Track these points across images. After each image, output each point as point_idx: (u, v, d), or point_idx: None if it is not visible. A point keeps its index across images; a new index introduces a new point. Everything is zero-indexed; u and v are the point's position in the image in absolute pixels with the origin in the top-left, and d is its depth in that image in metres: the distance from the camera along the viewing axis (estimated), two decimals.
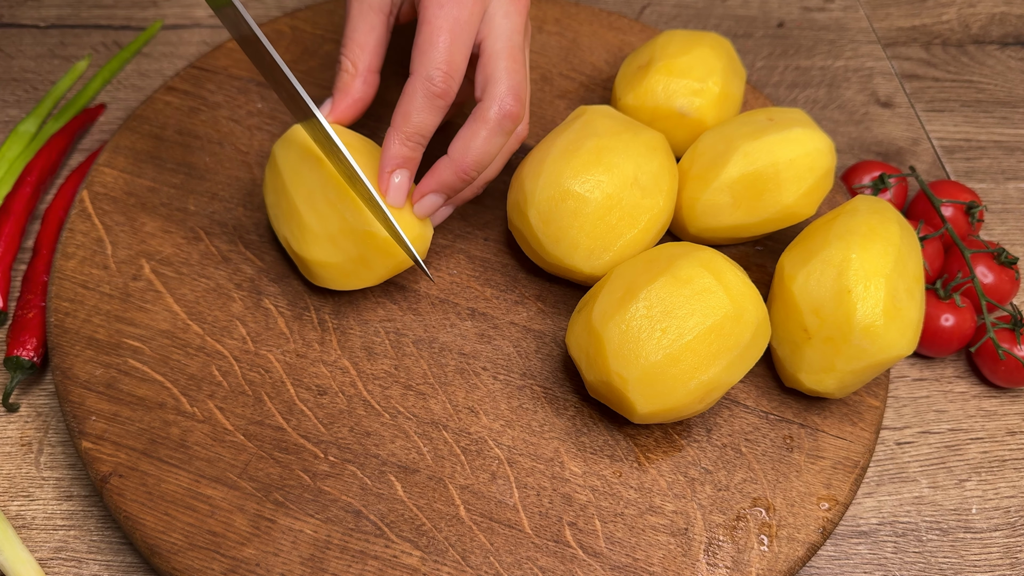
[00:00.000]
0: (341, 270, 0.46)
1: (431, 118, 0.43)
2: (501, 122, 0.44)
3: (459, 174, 0.44)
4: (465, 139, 0.44)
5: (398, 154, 0.44)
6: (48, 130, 0.59)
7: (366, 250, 0.45)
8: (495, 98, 0.44)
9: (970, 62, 0.73)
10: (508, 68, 0.44)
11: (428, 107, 0.43)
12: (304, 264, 0.46)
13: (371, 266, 0.46)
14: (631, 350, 0.41)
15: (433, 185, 0.45)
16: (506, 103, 0.44)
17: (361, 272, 0.46)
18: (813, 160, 0.48)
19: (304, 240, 0.45)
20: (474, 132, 0.44)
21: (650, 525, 0.43)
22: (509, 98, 0.44)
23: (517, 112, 0.44)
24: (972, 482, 0.51)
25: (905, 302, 0.44)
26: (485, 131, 0.44)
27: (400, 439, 0.44)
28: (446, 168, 0.44)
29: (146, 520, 0.41)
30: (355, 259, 0.45)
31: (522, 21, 0.46)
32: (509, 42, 0.45)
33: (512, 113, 0.44)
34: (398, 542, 0.41)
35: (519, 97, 0.44)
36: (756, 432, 0.46)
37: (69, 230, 0.50)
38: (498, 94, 0.44)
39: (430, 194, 0.45)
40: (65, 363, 0.45)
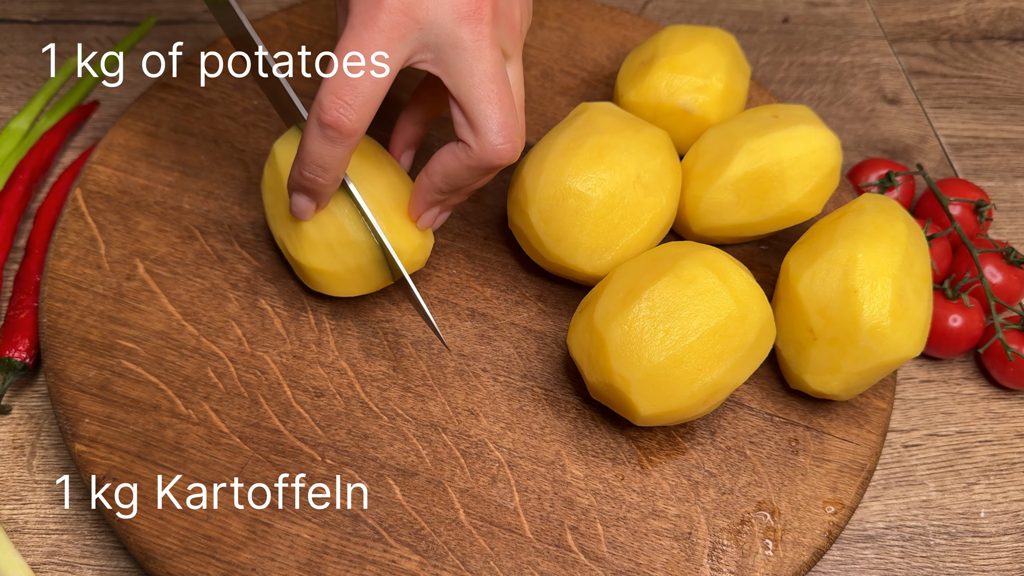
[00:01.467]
0: (338, 278, 0.46)
1: (326, 149, 0.39)
2: (490, 169, 0.41)
3: (439, 194, 0.44)
4: (447, 173, 0.42)
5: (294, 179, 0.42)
6: (41, 127, 0.59)
7: (364, 262, 0.45)
8: (485, 149, 0.40)
9: (978, 58, 0.73)
10: (487, 112, 0.40)
11: (320, 138, 0.39)
12: (300, 269, 0.46)
13: (368, 276, 0.46)
14: (634, 351, 0.41)
15: (422, 206, 0.44)
16: (496, 158, 0.40)
17: (358, 281, 0.46)
18: (819, 158, 0.48)
19: (301, 246, 0.45)
20: (457, 171, 0.42)
21: (653, 529, 0.43)
22: (501, 149, 0.40)
23: (511, 158, 0.41)
24: (981, 485, 0.51)
25: (912, 302, 0.44)
26: (469, 174, 0.42)
27: (399, 442, 0.44)
28: (427, 189, 0.43)
29: (140, 524, 0.41)
30: (352, 269, 0.45)
31: (486, 37, 0.40)
32: (474, 75, 0.39)
33: (503, 163, 0.41)
34: (397, 546, 0.41)
35: (512, 145, 0.40)
36: (761, 435, 0.46)
37: (62, 229, 0.50)
38: (487, 146, 0.40)
39: (424, 213, 0.45)
40: (58, 364, 0.45)
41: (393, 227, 0.45)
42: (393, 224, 0.45)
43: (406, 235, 0.45)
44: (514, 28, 0.42)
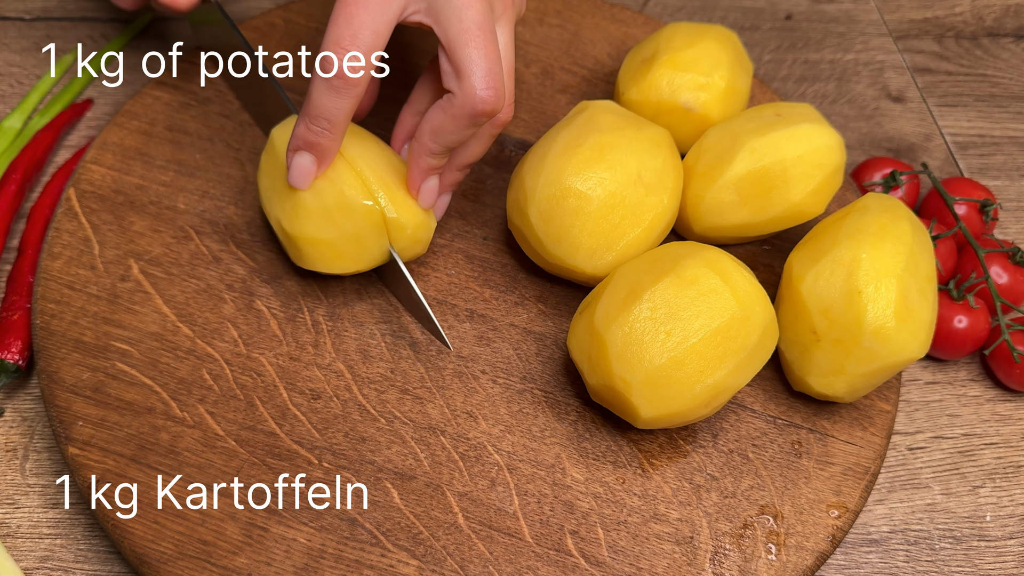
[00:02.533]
0: (332, 248, 0.45)
1: (333, 101, 0.41)
2: (474, 119, 0.42)
3: (431, 155, 0.44)
4: (433, 127, 0.43)
5: (299, 135, 0.43)
6: (34, 126, 0.59)
7: (362, 226, 0.45)
8: (467, 94, 0.41)
9: (984, 55, 0.73)
10: (472, 56, 0.41)
11: (326, 90, 0.41)
12: (294, 243, 0.46)
13: (364, 244, 0.45)
14: (634, 353, 0.41)
15: (419, 175, 0.45)
16: (479, 103, 0.41)
17: (352, 251, 0.45)
18: (822, 157, 0.48)
19: (296, 216, 0.45)
20: (442, 124, 0.43)
21: (654, 533, 0.43)
22: (484, 95, 0.41)
23: (493, 107, 0.42)
24: (986, 489, 0.51)
25: (917, 303, 0.44)
26: (453, 124, 0.42)
27: (396, 445, 0.44)
28: (419, 154, 0.44)
29: (135, 528, 0.41)
30: (349, 236, 0.45)
31: None
32: (463, 20, 0.41)
33: (488, 110, 0.42)
34: (394, 551, 0.41)
35: (495, 91, 0.41)
36: (763, 437, 0.46)
37: (55, 229, 0.50)
38: (469, 91, 0.41)
39: (424, 182, 0.45)
40: (51, 366, 0.45)
41: (395, 199, 0.45)
42: (395, 197, 0.45)
43: (408, 208, 0.45)
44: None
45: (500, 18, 0.44)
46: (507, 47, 0.45)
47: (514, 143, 0.56)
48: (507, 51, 0.45)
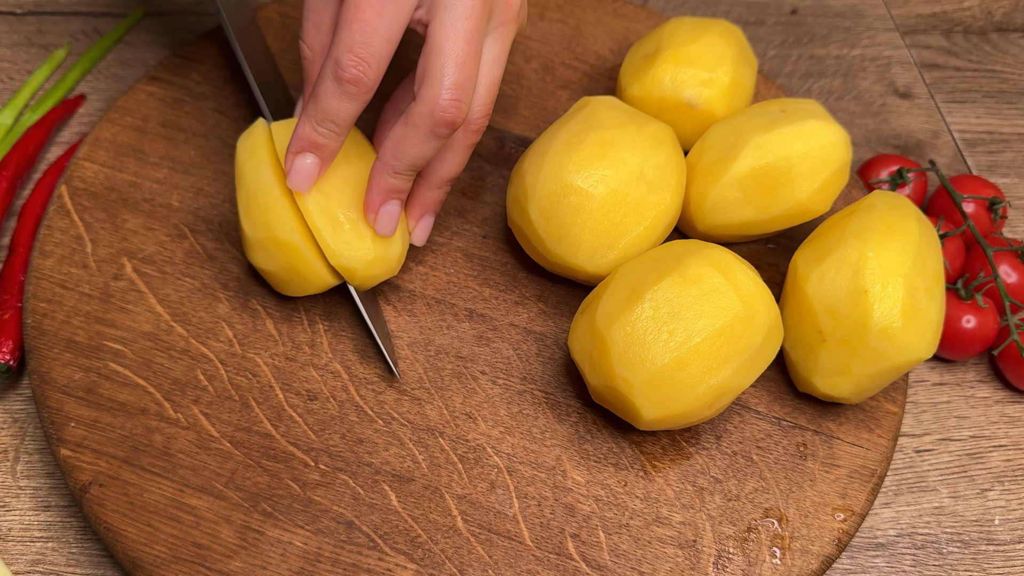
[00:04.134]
0: (280, 279, 0.46)
1: (341, 105, 0.41)
2: (434, 128, 0.41)
3: (393, 174, 0.43)
4: (395, 141, 0.42)
5: (303, 136, 0.42)
6: (25, 122, 0.59)
7: (293, 261, 0.44)
8: (428, 100, 0.41)
9: (993, 51, 0.73)
10: (447, 66, 0.41)
11: (337, 94, 0.41)
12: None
13: (304, 277, 0.45)
14: (637, 353, 0.41)
15: (377, 196, 0.44)
16: (439, 110, 0.41)
17: (298, 282, 0.45)
18: (828, 154, 0.48)
19: (246, 245, 0.46)
20: (403, 136, 0.42)
21: (657, 537, 0.43)
22: (446, 103, 0.41)
23: (453, 118, 0.41)
24: (995, 492, 0.51)
25: (924, 303, 0.44)
26: (414, 136, 0.42)
27: (394, 446, 0.44)
28: (380, 172, 0.43)
29: (128, 531, 0.41)
30: (286, 268, 0.45)
31: (478, 8, 0.42)
32: (455, 29, 0.41)
33: (448, 120, 0.41)
34: (392, 555, 0.41)
35: (458, 100, 0.41)
36: (768, 439, 0.46)
37: (47, 227, 0.50)
38: (431, 97, 0.41)
39: (383, 206, 0.44)
40: (43, 367, 0.45)
41: (342, 236, 0.44)
42: (343, 234, 0.44)
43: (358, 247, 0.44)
44: (509, 7, 0.44)
45: (496, 29, 0.44)
46: (496, 60, 0.45)
47: (514, 139, 0.56)
48: (495, 65, 0.45)
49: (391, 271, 0.46)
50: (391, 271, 0.46)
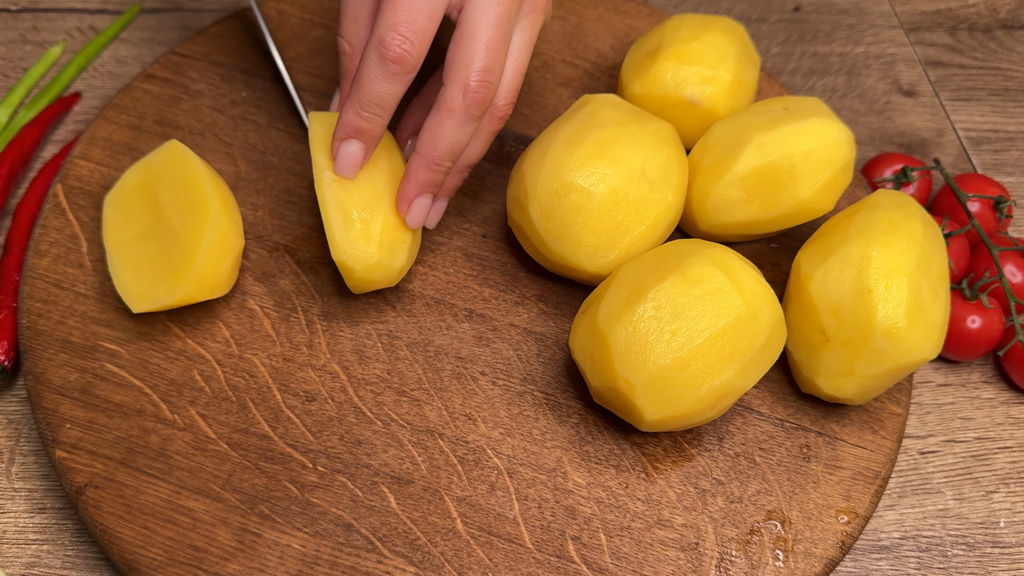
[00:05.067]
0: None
1: (386, 86, 0.42)
2: (468, 110, 0.43)
3: (432, 167, 0.44)
4: (431, 131, 0.43)
5: (349, 123, 0.43)
6: (20, 120, 0.59)
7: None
8: (459, 84, 0.42)
9: (998, 48, 0.73)
10: (479, 49, 0.42)
11: (381, 74, 0.42)
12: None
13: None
14: (638, 354, 0.41)
15: (413, 188, 0.45)
16: (470, 90, 0.42)
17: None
18: (831, 152, 0.48)
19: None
20: (439, 123, 0.43)
21: (658, 539, 0.43)
22: (475, 83, 0.42)
23: (484, 98, 0.43)
24: (1000, 494, 0.51)
25: (929, 302, 0.44)
26: (450, 121, 0.43)
27: (393, 448, 0.44)
28: (418, 166, 0.44)
29: (124, 534, 0.41)
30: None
31: None
32: (488, 15, 0.42)
33: (479, 100, 0.43)
34: (391, 557, 0.41)
35: (487, 82, 0.43)
36: (771, 441, 0.46)
37: (42, 226, 0.50)
38: (462, 79, 0.42)
39: (416, 199, 0.45)
40: (38, 367, 0.45)
41: (350, 232, 0.44)
42: (351, 229, 0.44)
43: (359, 247, 0.44)
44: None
45: (525, 18, 0.45)
46: (524, 48, 0.46)
47: (514, 138, 0.56)
48: (522, 52, 0.46)
49: (390, 281, 0.46)
50: (390, 281, 0.46)
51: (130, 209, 0.47)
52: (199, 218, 0.44)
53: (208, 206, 0.44)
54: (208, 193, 0.45)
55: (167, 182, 0.46)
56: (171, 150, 0.47)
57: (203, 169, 0.46)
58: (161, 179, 0.46)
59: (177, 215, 0.45)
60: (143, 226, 0.46)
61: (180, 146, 0.46)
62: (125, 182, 0.47)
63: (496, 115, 0.45)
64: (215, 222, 0.44)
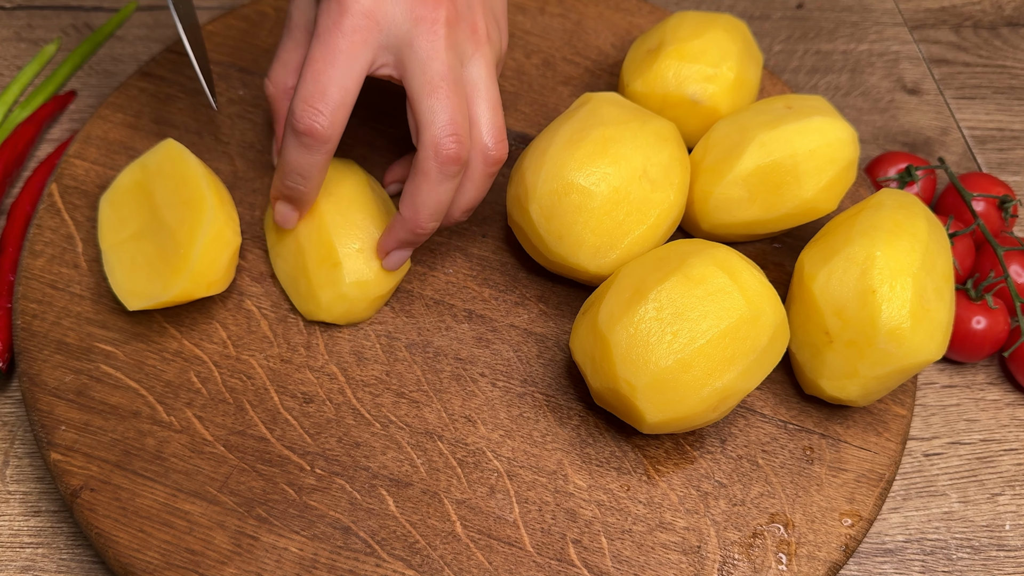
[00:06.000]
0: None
1: (305, 157, 0.42)
2: (442, 170, 0.42)
3: (415, 230, 0.44)
4: (411, 195, 0.43)
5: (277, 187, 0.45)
6: (14, 119, 0.59)
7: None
8: (428, 146, 0.42)
9: (1003, 46, 0.73)
10: (433, 107, 0.42)
11: (297, 147, 0.42)
12: None
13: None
14: (640, 355, 0.41)
15: (393, 244, 0.46)
16: (441, 149, 0.42)
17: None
18: (835, 151, 0.48)
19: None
20: (417, 187, 0.43)
21: (660, 542, 0.43)
22: (444, 142, 0.42)
23: (457, 154, 0.42)
24: (1005, 496, 0.51)
25: (934, 303, 0.44)
26: (427, 184, 0.43)
27: (392, 450, 0.44)
28: (400, 227, 0.45)
29: (119, 537, 0.41)
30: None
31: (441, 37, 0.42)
32: (426, 72, 0.42)
33: (452, 158, 0.42)
34: (390, 560, 0.41)
35: (455, 135, 0.42)
36: (774, 443, 0.46)
37: (37, 226, 0.50)
38: (431, 142, 0.42)
39: (394, 251, 0.46)
40: (33, 369, 0.45)
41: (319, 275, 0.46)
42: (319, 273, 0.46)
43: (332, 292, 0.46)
44: (475, 32, 0.44)
45: (471, 59, 0.44)
46: (486, 83, 0.44)
47: (514, 137, 0.56)
48: (487, 88, 0.44)
49: (346, 313, 0.47)
50: (346, 313, 0.47)
51: (126, 209, 0.47)
52: (195, 214, 0.44)
53: (203, 202, 0.45)
54: (203, 189, 0.45)
55: (163, 181, 0.46)
56: (167, 149, 0.47)
57: (198, 166, 0.46)
58: (157, 178, 0.46)
59: (173, 213, 0.45)
60: (139, 225, 0.46)
61: (176, 144, 0.47)
62: (120, 182, 0.47)
63: (491, 160, 0.45)
64: (210, 217, 0.44)
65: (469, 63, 0.44)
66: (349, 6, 0.41)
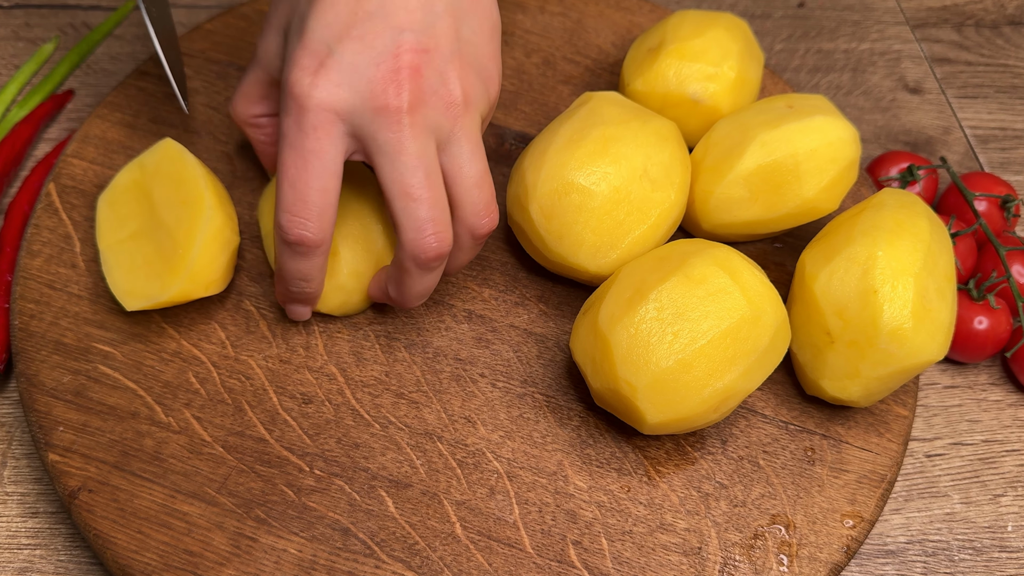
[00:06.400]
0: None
1: (301, 264, 0.42)
2: (425, 266, 0.42)
3: (406, 306, 0.45)
4: (395, 285, 0.44)
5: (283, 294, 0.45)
6: (12, 118, 0.59)
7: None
8: (408, 248, 0.41)
9: (1006, 45, 0.73)
10: (407, 208, 0.40)
11: (291, 256, 0.42)
12: None
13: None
14: (640, 355, 0.41)
15: (383, 298, 0.46)
16: (420, 253, 0.41)
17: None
18: (836, 150, 0.48)
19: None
20: (400, 280, 0.43)
21: (661, 544, 0.43)
22: (423, 244, 0.41)
23: (438, 252, 0.41)
24: (1008, 497, 0.51)
25: (935, 303, 0.44)
26: (410, 279, 0.43)
27: (391, 451, 0.44)
28: (393, 301, 0.45)
29: (118, 538, 0.41)
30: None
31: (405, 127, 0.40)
32: (396, 168, 0.40)
33: (432, 256, 0.41)
34: (389, 562, 0.41)
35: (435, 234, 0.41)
36: (775, 444, 0.46)
37: (35, 226, 0.50)
38: (409, 244, 0.41)
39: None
40: (30, 369, 0.45)
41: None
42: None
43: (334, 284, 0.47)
44: (451, 106, 0.41)
45: (449, 136, 0.41)
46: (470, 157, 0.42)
47: (514, 136, 0.56)
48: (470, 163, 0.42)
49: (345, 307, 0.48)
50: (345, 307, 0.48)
51: (124, 209, 0.47)
52: (193, 214, 0.44)
53: (202, 201, 0.45)
54: (202, 189, 0.45)
55: (161, 181, 0.46)
56: (165, 149, 0.47)
57: (196, 166, 0.46)
58: (155, 178, 0.46)
59: (171, 213, 0.45)
60: (137, 225, 0.46)
61: (174, 144, 0.46)
62: (118, 182, 0.47)
63: (479, 235, 0.44)
64: (209, 216, 0.44)
65: (447, 142, 0.41)
66: (305, 103, 0.39)
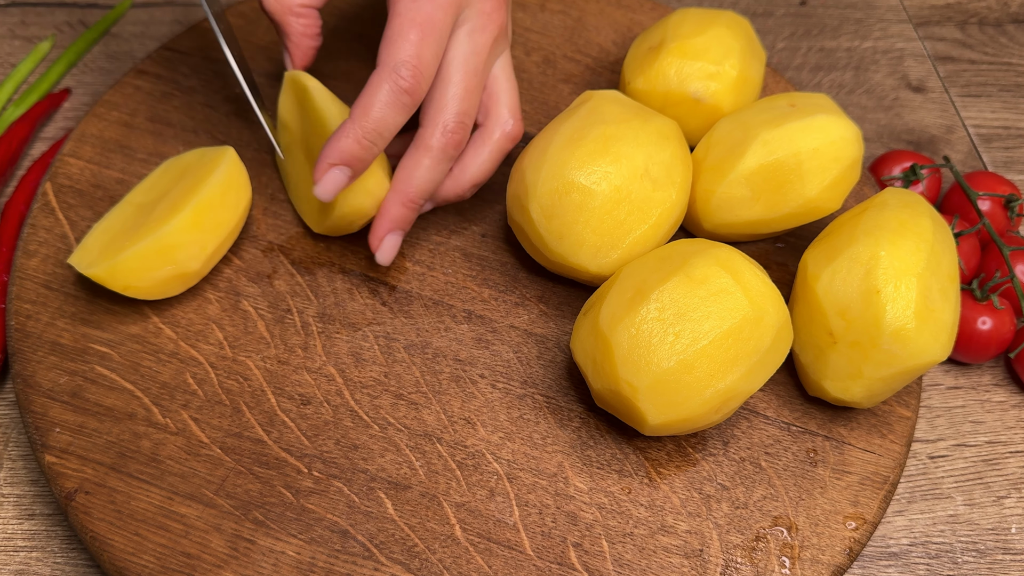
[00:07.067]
0: None
1: (394, 116, 0.43)
2: (445, 149, 0.45)
3: (407, 204, 0.46)
4: (408, 168, 0.45)
5: (346, 150, 0.43)
6: (8, 117, 0.59)
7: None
8: (438, 125, 0.45)
9: (1009, 43, 0.73)
10: (457, 95, 0.45)
11: (392, 103, 0.43)
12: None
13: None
14: (641, 356, 0.41)
15: (387, 225, 0.46)
16: (449, 130, 0.45)
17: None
18: (838, 150, 0.48)
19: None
20: (416, 161, 0.45)
21: (662, 546, 0.43)
22: (452, 124, 0.45)
23: (461, 139, 0.46)
24: (1012, 499, 0.51)
25: (939, 303, 0.44)
26: (428, 159, 0.45)
27: (390, 453, 0.44)
28: (393, 203, 0.46)
29: (114, 541, 0.41)
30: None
31: (488, 40, 0.47)
32: (465, 65, 0.46)
33: (456, 140, 0.45)
34: (388, 564, 0.41)
35: (463, 124, 0.46)
36: (777, 445, 0.46)
37: (31, 226, 0.50)
38: (441, 121, 0.45)
39: (387, 236, 0.47)
40: (27, 370, 0.45)
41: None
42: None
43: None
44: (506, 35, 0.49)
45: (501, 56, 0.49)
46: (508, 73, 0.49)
47: None
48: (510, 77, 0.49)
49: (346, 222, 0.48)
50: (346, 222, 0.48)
51: (157, 182, 0.49)
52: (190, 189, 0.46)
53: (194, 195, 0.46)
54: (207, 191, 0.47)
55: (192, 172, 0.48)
56: (224, 155, 0.48)
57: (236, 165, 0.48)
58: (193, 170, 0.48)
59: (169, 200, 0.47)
60: (150, 198, 0.48)
61: (233, 156, 0.48)
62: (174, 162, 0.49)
63: (508, 135, 0.48)
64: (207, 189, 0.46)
65: (499, 59, 0.49)
66: None
